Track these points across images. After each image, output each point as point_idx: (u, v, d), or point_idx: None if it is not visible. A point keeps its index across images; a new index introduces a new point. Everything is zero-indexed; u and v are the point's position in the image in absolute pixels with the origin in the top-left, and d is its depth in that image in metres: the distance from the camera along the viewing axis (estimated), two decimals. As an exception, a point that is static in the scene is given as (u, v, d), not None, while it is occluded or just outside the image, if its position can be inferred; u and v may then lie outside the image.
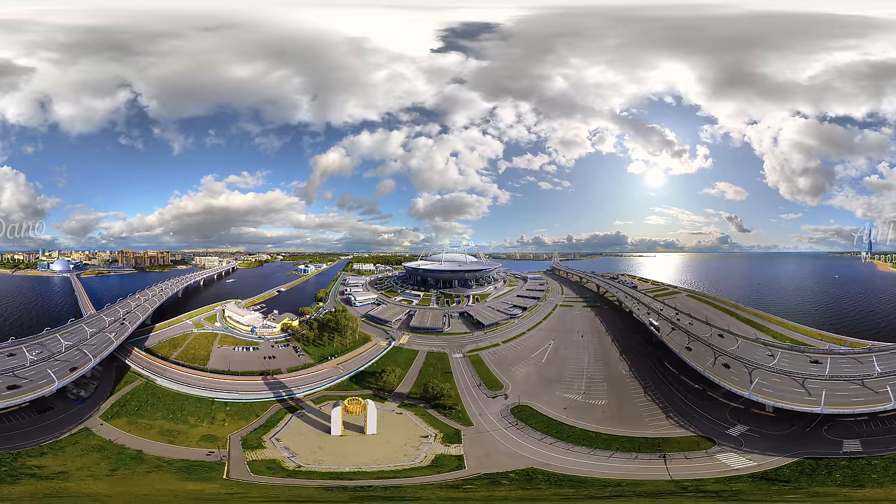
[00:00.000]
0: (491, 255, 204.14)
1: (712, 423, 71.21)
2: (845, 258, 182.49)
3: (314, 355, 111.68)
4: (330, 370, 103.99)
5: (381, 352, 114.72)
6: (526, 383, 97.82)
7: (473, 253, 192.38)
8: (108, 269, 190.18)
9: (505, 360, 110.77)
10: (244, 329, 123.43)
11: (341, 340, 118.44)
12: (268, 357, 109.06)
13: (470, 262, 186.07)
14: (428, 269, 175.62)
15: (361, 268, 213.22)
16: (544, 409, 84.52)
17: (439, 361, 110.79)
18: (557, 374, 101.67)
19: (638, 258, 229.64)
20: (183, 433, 67.73)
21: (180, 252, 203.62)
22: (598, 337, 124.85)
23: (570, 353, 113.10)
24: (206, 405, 78.30)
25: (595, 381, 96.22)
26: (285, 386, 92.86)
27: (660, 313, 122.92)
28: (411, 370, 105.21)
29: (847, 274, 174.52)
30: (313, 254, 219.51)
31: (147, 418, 70.84)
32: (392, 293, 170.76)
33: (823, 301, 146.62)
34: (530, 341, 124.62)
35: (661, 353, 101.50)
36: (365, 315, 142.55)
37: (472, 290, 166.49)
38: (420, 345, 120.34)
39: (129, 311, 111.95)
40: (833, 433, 58.30)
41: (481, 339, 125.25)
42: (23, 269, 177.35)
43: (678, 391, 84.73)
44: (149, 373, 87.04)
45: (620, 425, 76.03)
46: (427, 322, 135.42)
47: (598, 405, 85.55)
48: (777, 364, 78.06)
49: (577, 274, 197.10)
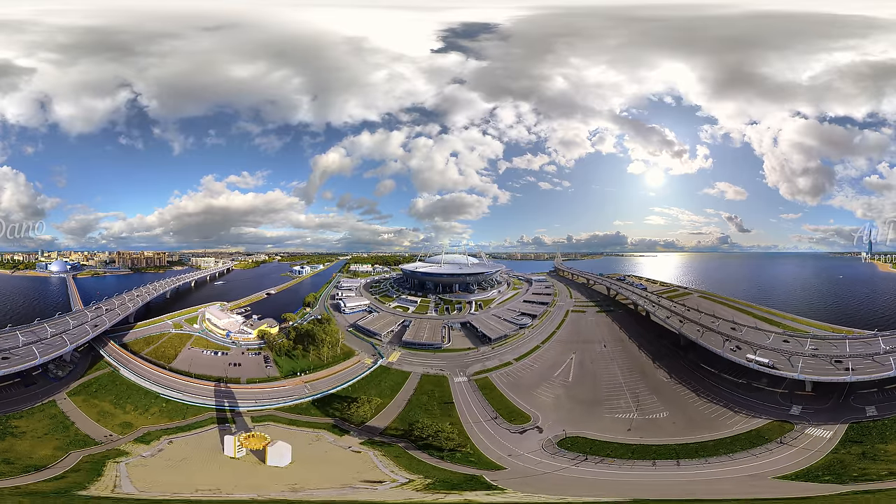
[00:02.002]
0: (491, 255, 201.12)
1: (775, 409, 76.14)
2: (845, 258, 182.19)
3: (284, 368, 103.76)
4: (294, 387, 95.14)
5: (362, 372, 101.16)
6: (559, 410, 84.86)
7: (474, 253, 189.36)
8: (104, 269, 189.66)
9: (522, 382, 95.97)
10: (220, 333, 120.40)
11: (318, 354, 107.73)
12: (233, 364, 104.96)
13: (471, 263, 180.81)
14: (426, 272, 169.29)
15: (358, 269, 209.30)
16: (601, 436, 74.91)
17: (436, 388, 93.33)
18: (593, 393, 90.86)
19: (638, 258, 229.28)
20: (112, 415, 76.62)
21: (178, 253, 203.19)
22: (622, 345, 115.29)
23: (599, 367, 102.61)
24: (149, 398, 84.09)
25: (641, 395, 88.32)
26: (233, 396, 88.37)
27: (683, 315, 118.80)
28: (397, 398, 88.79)
29: (850, 274, 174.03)
30: (312, 254, 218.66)
31: (98, 399, 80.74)
32: (387, 298, 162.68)
33: (832, 300, 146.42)
34: (548, 356, 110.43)
35: (693, 355, 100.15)
36: (353, 325, 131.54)
37: (473, 296, 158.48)
38: (413, 364, 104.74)
39: (112, 309, 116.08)
40: (857, 402, 72.28)
41: (489, 357, 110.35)
42: (22, 270, 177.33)
43: (726, 388, 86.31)
44: (116, 363, 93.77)
45: (698, 432, 73.70)
46: (423, 335, 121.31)
47: (661, 419, 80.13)
48: (807, 351, 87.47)
49: (583, 275, 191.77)
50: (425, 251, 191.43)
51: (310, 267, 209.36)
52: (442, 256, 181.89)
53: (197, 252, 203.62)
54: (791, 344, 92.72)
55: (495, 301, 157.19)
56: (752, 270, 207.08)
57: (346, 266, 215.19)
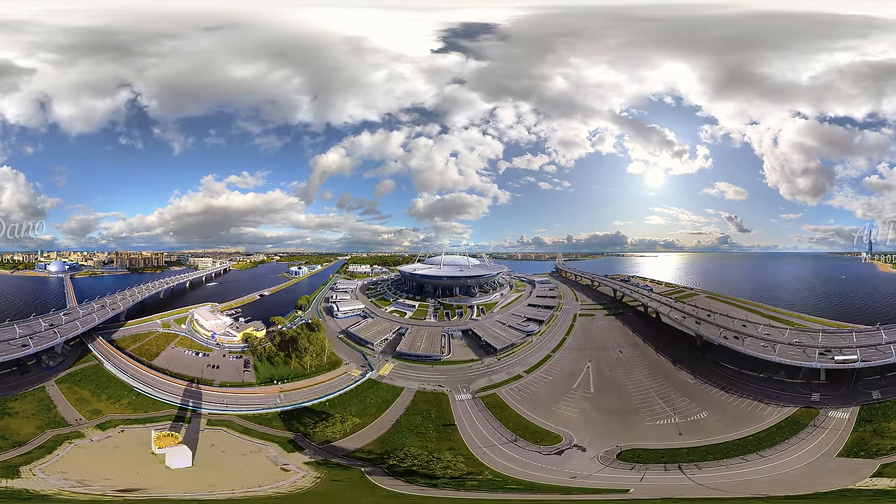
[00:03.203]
0: (491, 256, 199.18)
1: (798, 398, 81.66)
2: (845, 258, 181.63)
3: (262, 374, 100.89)
4: (266, 396, 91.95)
5: (347, 385, 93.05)
6: (590, 425, 80.00)
7: (474, 254, 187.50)
8: (101, 269, 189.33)
9: (538, 398, 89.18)
10: (205, 334, 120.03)
11: (300, 362, 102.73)
12: (212, 366, 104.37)
13: (472, 265, 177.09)
14: (425, 274, 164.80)
15: (356, 270, 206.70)
16: (656, 444, 73.03)
17: (434, 407, 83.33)
18: (621, 402, 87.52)
19: (638, 258, 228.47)
20: (88, 402, 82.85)
21: (177, 253, 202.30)
22: (638, 349, 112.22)
23: (620, 375, 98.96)
24: (123, 390, 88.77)
25: (672, 399, 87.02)
26: (199, 397, 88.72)
27: (698, 317, 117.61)
28: (382, 418, 79.46)
29: (852, 275, 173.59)
30: (312, 254, 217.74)
31: (80, 387, 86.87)
32: (383, 302, 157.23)
33: (836, 300, 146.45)
34: (562, 366, 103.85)
35: (710, 355, 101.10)
36: (344, 331, 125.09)
37: (475, 300, 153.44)
38: (408, 378, 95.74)
39: (103, 308, 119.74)
40: (864, 387, 79.93)
41: (496, 370, 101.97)
42: (21, 270, 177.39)
43: (751, 383, 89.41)
44: (101, 356, 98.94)
45: (741, 426, 75.89)
46: (420, 345, 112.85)
47: (703, 419, 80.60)
48: (820, 342, 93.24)
49: (587, 276, 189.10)
50: (425, 251, 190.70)
51: (307, 267, 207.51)
52: (442, 257, 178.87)
53: (196, 252, 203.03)
54: (804, 339, 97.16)
55: (498, 305, 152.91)
56: (754, 271, 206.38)
57: (345, 267, 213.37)
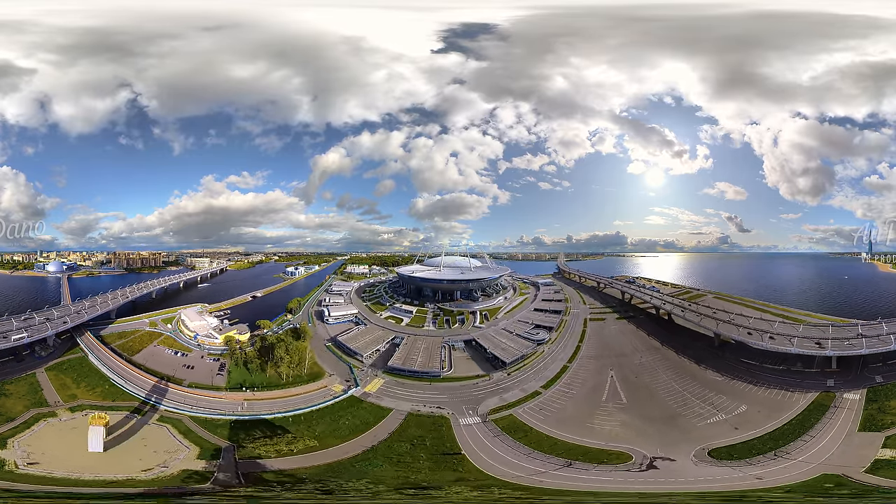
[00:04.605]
0: (492, 256, 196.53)
1: (817, 384, 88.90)
2: (846, 258, 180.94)
3: (234, 379, 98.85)
4: (229, 402, 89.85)
5: (322, 401, 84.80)
6: (643, 435, 76.68)
7: (475, 254, 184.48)
8: (99, 269, 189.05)
9: (567, 415, 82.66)
10: (188, 335, 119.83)
11: (275, 371, 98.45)
12: (188, 366, 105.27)
13: (474, 266, 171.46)
14: (424, 277, 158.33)
15: (354, 270, 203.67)
16: (725, 442, 75.36)
17: (429, 433, 72.87)
18: (660, 408, 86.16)
19: (639, 258, 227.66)
20: (68, 388, 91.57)
21: (175, 253, 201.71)
22: (658, 353, 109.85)
23: (647, 380, 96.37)
24: (100, 380, 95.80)
25: (710, 398, 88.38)
26: (164, 394, 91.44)
27: (717, 317, 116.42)
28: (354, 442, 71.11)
29: (854, 275, 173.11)
30: (312, 254, 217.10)
31: (64, 375, 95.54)
32: (379, 306, 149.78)
33: (841, 299, 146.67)
34: (583, 377, 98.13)
35: (730, 353, 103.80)
36: (332, 339, 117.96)
37: (477, 304, 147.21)
38: (398, 398, 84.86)
39: (94, 306, 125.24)
40: (869, 373, 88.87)
41: (506, 386, 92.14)
42: (21, 270, 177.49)
43: (774, 375, 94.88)
44: (87, 349, 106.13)
45: (780, 414, 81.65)
46: (416, 359, 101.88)
47: (746, 411, 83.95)
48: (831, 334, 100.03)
49: (591, 278, 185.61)
50: (425, 251, 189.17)
51: (304, 268, 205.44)
52: (442, 259, 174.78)
53: (195, 252, 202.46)
54: (815, 332, 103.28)
55: (502, 310, 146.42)
56: (755, 271, 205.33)
57: (342, 267, 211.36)
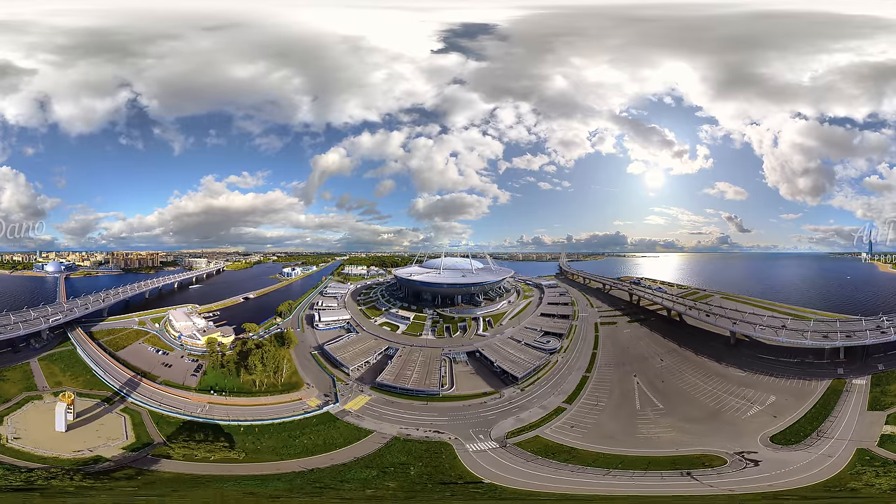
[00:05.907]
0: (492, 256, 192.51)
1: (829, 373, 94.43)
2: (846, 258, 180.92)
3: (207, 382, 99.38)
4: (195, 403, 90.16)
5: (288, 415, 77.80)
6: (699, 435, 77.66)
7: (476, 254, 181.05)
8: (96, 270, 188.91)
9: (608, 429, 77.43)
10: (173, 335, 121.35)
11: (248, 378, 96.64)
12: (165, 364, 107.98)
13: (475, 268, 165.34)
14: (423, 281, 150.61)
15: (351, 272, 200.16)
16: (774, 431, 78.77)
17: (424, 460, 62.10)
18: (698, 409, 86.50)
19: (639, 258, 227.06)
20: (55, 376, 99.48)
21: (174, 253, 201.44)
22: (678, 355, 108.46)
23: (677, 383, 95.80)
24: (83, 370, 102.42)
25: (739, 392, 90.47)
26: (135, 388, 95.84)
27: (731, 317, 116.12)
28: (295, 461, 64.26)
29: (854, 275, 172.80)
30: (311, 254, 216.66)
31: (54, 365, 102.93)
32: (374, 311, 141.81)
33: (845, 299, 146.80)
34: (608, 387, 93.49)
35: (746, 350, 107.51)
36: (319, 347, 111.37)
37: (480, 309, 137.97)
38: (384, 419, 74.51)
39: (86, 303, 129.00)
40: (872, 362, 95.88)
41: (521, 404, 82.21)
42: (20, 270, 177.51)
43: (790, 367, 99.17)
44: (76, 343, 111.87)
45: (805, 400, 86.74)
46: (411, 375, 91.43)
47: (776, 401, 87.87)
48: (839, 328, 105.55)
49: (596, 279, 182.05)
50: (425, 251, 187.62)
51: (301, 268, 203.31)
52: (442, 260, 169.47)
53: (194, 252, 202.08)
54: (824, 327, 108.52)
55: (507, 315, 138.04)
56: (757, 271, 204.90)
57: (340, 268, 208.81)
